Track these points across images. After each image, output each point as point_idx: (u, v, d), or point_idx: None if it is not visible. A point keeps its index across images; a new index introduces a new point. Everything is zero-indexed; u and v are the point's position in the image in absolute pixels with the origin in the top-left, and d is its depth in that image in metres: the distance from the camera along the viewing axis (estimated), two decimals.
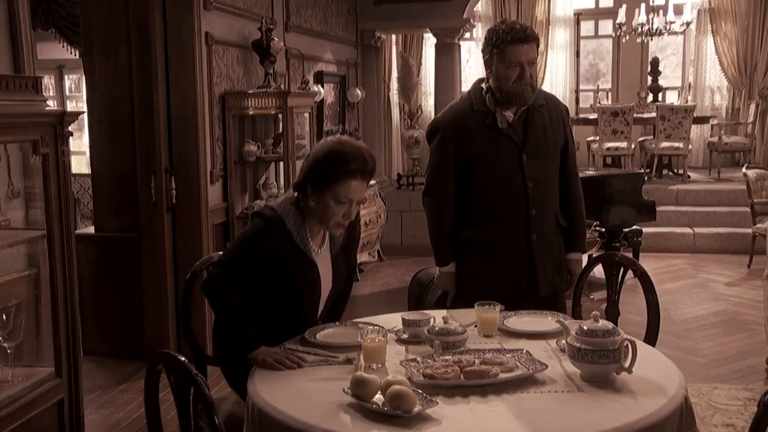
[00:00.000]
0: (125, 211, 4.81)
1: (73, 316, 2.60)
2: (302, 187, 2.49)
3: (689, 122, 8.97)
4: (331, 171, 2.41)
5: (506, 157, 2.87)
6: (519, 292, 2.92)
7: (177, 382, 1.77)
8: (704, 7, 10.50)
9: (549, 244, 2.95)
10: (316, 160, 2.45)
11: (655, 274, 7.03)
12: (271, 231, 2.45)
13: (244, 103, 5.12)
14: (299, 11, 6.63)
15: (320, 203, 2.44)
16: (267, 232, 2.46)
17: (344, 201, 2.43)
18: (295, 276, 2.51)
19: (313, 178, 2.44)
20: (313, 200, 2.45)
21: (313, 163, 2.46)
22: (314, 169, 2.44)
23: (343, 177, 2.40)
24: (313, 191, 2.44)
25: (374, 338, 2.29)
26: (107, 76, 4.72)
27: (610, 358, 2.08)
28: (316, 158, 2.45)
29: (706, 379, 4.41)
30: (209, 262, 2.83)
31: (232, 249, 2.56)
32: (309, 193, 2.45)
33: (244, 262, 2.45)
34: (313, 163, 2.45)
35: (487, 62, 2.89)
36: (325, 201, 2.43)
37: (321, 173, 2.42)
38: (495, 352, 2.28)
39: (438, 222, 2.98)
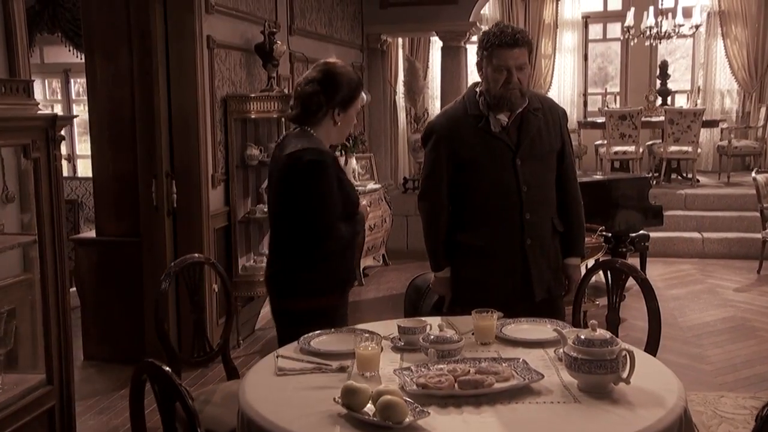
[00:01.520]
0: (126, 215, 4.79)
1: (65, 321, 2.57)
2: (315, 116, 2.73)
3: (698, 126, 8.88)
4: (356, 89, 2.78)
5: (500, 161, 2.83)
6: (514, 298, 2.88)
7: (161, 391, 1.73)
8: (714, 9, 10.41)
9: (544, 248, 2.90)
10: (352, 87, 2.76)
11: (662, 280, 6.99)
12: (332, 162, 2.73)
13: (246, 107, 5.09)
14: (303, 14, 6.60)
15: (346, 119, 2.79)
16: (332, 165, 2.70)
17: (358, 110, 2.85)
18: (352, 192, 2.83)
19: (343, 100, 2.75)
20: (342, 121, 2.77)
21: (343, 88, 2.73)
22: (350, 94, 2.76)
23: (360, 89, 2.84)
24: (340, 112, 2.75)
25: (368, 346, 2.25)
26: (108, 79, 4.71)
27: (607, 369, 2.02)
28: (351, 86, 2.75)
29: (712, 387, 4.34)
30: (183, 264, 2.89)
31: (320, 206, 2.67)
32: (335, 115, 2.74)
33: (336, 200, 2.69)
34: (350, 90, 2.75)
35: (479, 65, 2.86)
36: (350, 116, 2.80)
37: (351, 94, 2.76)
38: (491, 361, 2.23)
39: (432, 226, 2.95)
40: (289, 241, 2.76)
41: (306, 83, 2.73)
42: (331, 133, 2.79)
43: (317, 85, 2.71)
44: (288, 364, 2.34)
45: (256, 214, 5.33)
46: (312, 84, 2.71)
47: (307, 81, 2.73)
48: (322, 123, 2.74)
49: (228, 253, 5.16)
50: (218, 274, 3.18)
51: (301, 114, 2.74)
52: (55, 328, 2.52)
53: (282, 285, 2.78)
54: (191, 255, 3.13)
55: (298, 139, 2.71)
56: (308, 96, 2.71)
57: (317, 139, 2.72)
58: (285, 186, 2.71)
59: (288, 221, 2.74)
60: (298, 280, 2.74)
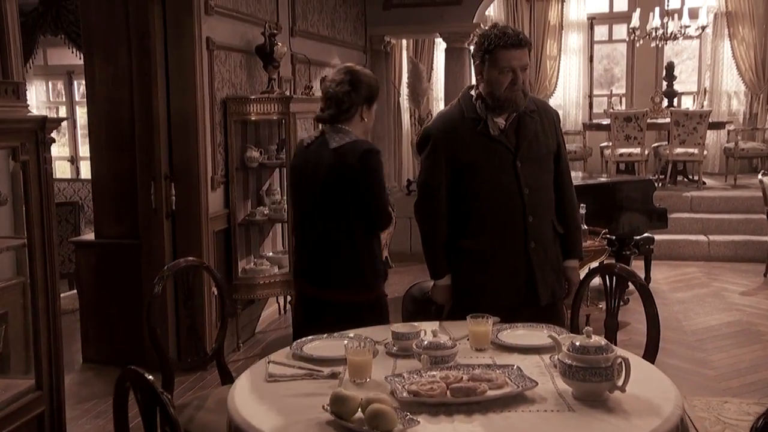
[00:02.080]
0: (125, 218, 4.77)
1: (56, 326, 2.54)
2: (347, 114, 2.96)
3: (704, 128, 8.81)
4: (377, 87, 3.07)
5: (500, 164, 2.79)
6: (518, 303, 2.83)
7: (143, 399, 1.70)
8: (721, 10, 10.33)
9: (547, 251, 2.86)
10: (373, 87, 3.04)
11: (667, 283, 6.92)
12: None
13: (246, 109, 5.06)
14: (305, 16, 6.57)
15: (370, 116, 3.05)
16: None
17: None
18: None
19: (368, 98, 3.00)
20: (367, 117, 3.02)
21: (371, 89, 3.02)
22: (372, 93, 3.02)
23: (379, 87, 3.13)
24: (366, 109, 3.01)
25: (360, 352, 2.21)
26: (107, 80, 4.69)
27: (602, 376, 1.98)
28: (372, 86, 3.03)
29: (716, 393, 4.28)
30: (177, 267, 2.87)
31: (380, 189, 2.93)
32: (363, 112, 3.00)
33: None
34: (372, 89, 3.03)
35: (479, 68, 2.81)
36: (373, 113, 3.07)
37: (374, 92, 3.04)
38: (484, 367, 2.19)
39: (431, 233, 2.89)
40: (349, 233, 2.92)
41: (336, 85, 2.97)
42: (359, 128, 3.01)
43: (347, 86, 2.95)
44: (279, 369, 2.30)
45: (256, 216, 5.30)
46: (342, 85, 2.96)
47: (337, 83, 2.97)
48: (353, 120, 2.97)
49: (228, 255, 5.13)
50: (213, 278, 3.14)
51: (335, 113, 2.96)
52: (45, 333, 2.49)
53: (347, 276, 2.93)
54: (186, 258, 3.11)
55: (338, 135, 2.94)
56: (341, 96, 2.95)
57: (354, 134, 2.97)
58: (341, 179, 2.89)
59: (347, 212, 2.91)
60: (364, 270, 2.94)
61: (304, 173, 3.04)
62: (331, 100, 2.96)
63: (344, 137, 2.92)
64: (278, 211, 5.33)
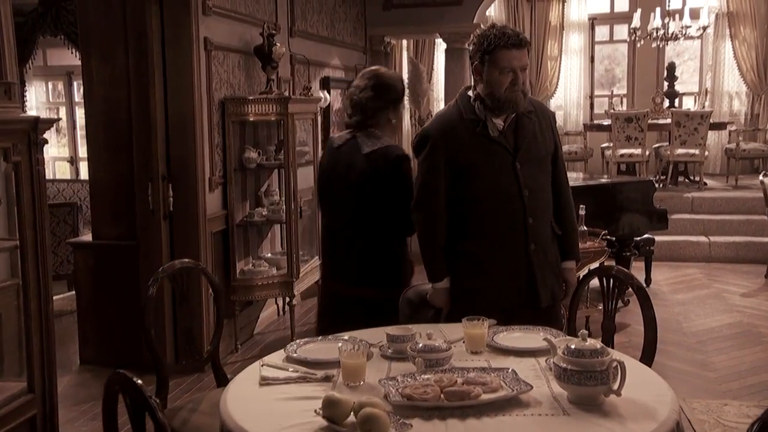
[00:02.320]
0: (123, 219, 4.75)
1: (48, 328, 2.52)
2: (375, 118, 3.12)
3: (705, 128, 8.78)
4: (403, 89, 3.26)
5: (500, 166, 2.77)
6: (519, 305, 2.81)
7: (131, 403, 1.68)
8: (722, 11, 10.30)
9: (546, 253, 2.84)
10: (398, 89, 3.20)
11: (668, 284, 6.90)
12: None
13: (244, 110, 5.04)
14: (305, 16, 6.56)
15: (399, 115, 3.24)
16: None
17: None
18: None
19: (395, 100, 3.18)
20: (394, 117, 3.16)
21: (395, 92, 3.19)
22: (397, 95, 3.19)
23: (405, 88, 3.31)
24: (393, 111, 3.17)
25: (353, 355, 2.19)
26: (105, 81, 4.67)
27: (597, 380, 1.96)
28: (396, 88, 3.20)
29: (716, 395, 4.26)
30: (172, 269, 2.88)
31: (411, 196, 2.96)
32: (390, 114, 3.14)
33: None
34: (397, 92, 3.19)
35: (477, 69, 2.78)
36: (401, 113, 3.30)
37: (400, 94, 3.22)
38: (479, 371, 2.17)
39: (430, 236, 2.86)
40: (379, 235, 3.11)
41: (360, 91, 3.13)
42: (388, 129, 3.16)
43: (371, 91, 3.10)
44: (272, 373, 2.28)
45: (254, 217, 5.28)
46: (366, 91, 3.11)
47: (361, 89, 3.13)
48: (381, 123, 3.11)
49: (226, 256, 5.12)
50: (208, 279, 3.13)
51: (362, 119, 3.12)
52: (38, 335, 2.47)
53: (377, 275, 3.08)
54: (181, 260, 3.09)
55: (370, 140, 3.08)
56: (365, 102, 3.10)
57: (385, 138, 3.11)
58: (373, 184, 3.05)
59: (377, 216, 3.08)
60: (399, 268, 3.14)
61: (333, 175, 3.20)
62: (356, 107, 3.13)
63: (376, 142, 3.06)
64: (276, 212, 5.32)
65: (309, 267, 5.65)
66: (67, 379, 4.69)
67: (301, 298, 6.47)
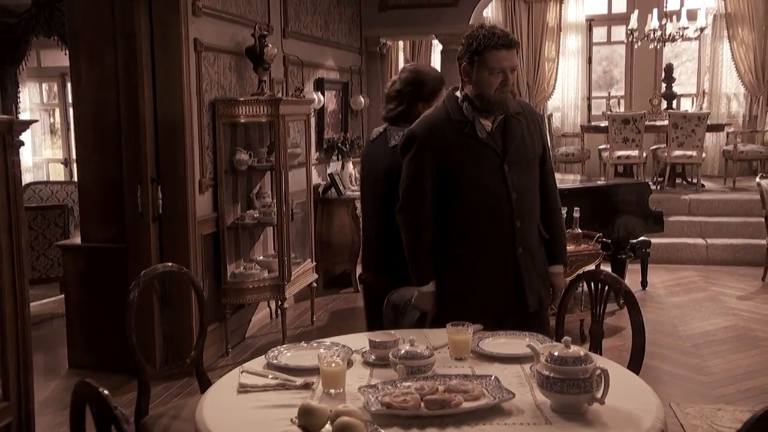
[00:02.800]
0: (112, 221, 4.71)
1: (24, 333, 2.47)
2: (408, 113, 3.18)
3: (703, 130, 8.74)
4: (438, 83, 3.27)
5: (488, 168, 2.72)
6: (506, 310, 2.77)
7: (96, 414, 1.63)
8: (720, 12, 10.26)
9: (534, 257, 2.79)
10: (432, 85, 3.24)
11: (664, 287, 6.85)
12: None
13: (235, 111, 4.99)
14: (298, 17, 6.51)
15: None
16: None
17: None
18: None
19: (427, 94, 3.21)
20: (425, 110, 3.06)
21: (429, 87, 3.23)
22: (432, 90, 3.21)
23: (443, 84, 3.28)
24: (425, 106, 3.12)
25: (333, 362, 2.14)
26: (93, 82, 4.63)
27: (580, 388, 1.91)
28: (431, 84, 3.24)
29: (710, 400, 4.21)
30: (154, 273, 2.86)
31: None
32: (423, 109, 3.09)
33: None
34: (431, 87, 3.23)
35: (466, 69, 2.74)
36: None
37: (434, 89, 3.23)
38: (462, 378, 2.12)
39: (416, 239, 2.80)
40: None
41: (396, 86, 3.23)
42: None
43: (404, 85, 3.20)
44: (251, 380, 2.24)
45: (245, 220, 5.24)
46: (397, 84, 3.22)
47: (397, 84, 3.24)
48: (413, 117, 3.05)
49: (217, 259, 5.07)
50: (192, 284, 3.08)
51: (396, 113, 3.21)
52: (13, 341, 2.42)
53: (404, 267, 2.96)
54: (164, 264, 3.05)
55: (398, 133, 3.09)
56: (399, 97, 3.21)
57: None
58: (396, 175, 2.95)
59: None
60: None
61: (366, 167, 3.40)
62: (391, 101, 3.24)
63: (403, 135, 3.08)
64: (268, 214, 5.27)
65: (301, 270, 5.61)
66: (56, 384, 4.65)
67: (295, 301, 6.43)
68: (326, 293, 6.87)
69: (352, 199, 6.68)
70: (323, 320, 6.10)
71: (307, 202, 5.85)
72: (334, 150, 7.19)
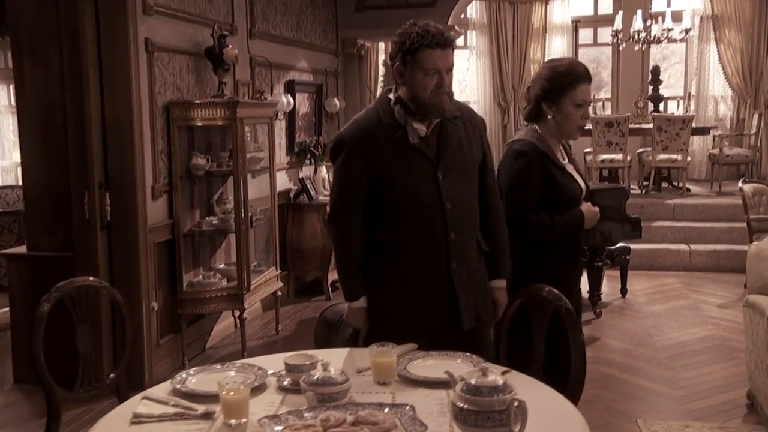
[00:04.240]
0: (59, 229, 4.52)
1: None
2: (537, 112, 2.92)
3: (687, 133, 8.56)
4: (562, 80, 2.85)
5: (420, 176, 2.52)
6: (440, 327, 2.58)
7: None
8: (707, 14, 10.08)
9: (471, 271, 2.59)
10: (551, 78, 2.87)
11: (644, 294, 6.67)
12: (534, 154, 2.85)
13: (191, 114, 4.81)
14: (266, 17, 6.33)
15: (559, 112, 2.86)
16: (533, 157, 2.84)
17: (581, 103, 2.85)
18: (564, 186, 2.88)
19: (548, 91, 2.86)
20: (551, 113, 2.87)
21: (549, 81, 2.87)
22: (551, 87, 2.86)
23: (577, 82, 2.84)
24: (550, 104, 2.87)
25: (233, 389, 1.95)
26: (38, 83, 4.44)
27: (496, 421, 1.72)
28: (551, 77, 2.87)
29: (679, 416, 4.02)
30: (70, 286, 2.70)
31: (516, 191, 2.84)
32: (546, 108, 2.88)
33: (532, 193, 2.83)
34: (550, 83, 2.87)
35: (399, 70, 2.55)
36: (564, 109, 2.86)
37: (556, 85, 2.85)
38: (375, 407, 1.93)
39: (345, 252, 2.62)
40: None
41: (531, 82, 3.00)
42: (549, 126, 2.91)
43: (533, 82, 2.96)
44: (148, 408, 2.04)
45: (203, 227, 5.04)
46: (533, 82, 2.97)
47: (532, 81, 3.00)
48: (541, 118, 2.91)
49: (173, 268, 4.88)
50: (113, 300, 2.90)
51: (525, 112, 3.00)
52: None
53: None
54: (82, 278, 2.88)
55: (520, 133, 3.00)
56: (528, 94, 2.98)
57: (538, 133, 2.90)
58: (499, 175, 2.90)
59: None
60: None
61: None
62: (526, 99, 3.03)
63: (520, 134, 2.97)
64: (227, 221, 5.08)
65: (264, 278, 5.41)
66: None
67: (263, 310, 6.24)
68: (297, 301, 6.69)
69: (324, 204, 6.49)
70: (290, 329, 5.91)
71: (271, 208, 5.65)
72: (306, 154, 7.01)
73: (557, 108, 2.85)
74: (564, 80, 2.83)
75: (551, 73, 2.88)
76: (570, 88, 2.82)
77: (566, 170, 2.94)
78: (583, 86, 2.85)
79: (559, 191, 2.87)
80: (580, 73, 2.85)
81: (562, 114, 2.85)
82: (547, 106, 2.87)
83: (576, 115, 2.86)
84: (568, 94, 2.83)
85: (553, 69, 2.89)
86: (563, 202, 2.88)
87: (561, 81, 2.83)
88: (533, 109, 2.94)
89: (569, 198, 2.89)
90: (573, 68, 2.87)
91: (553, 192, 2.85)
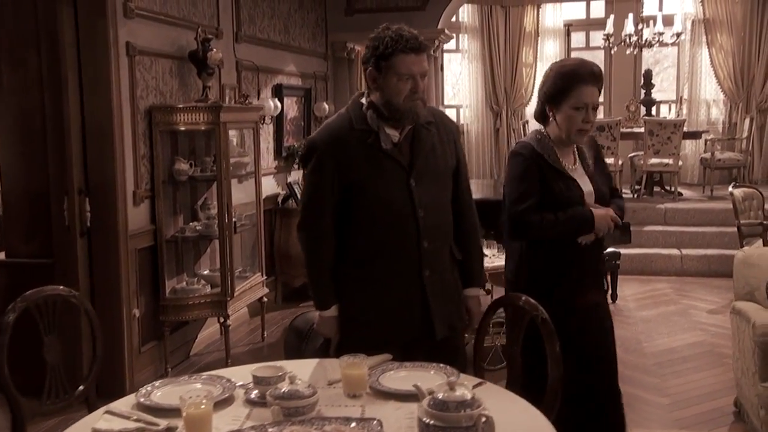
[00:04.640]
0: (38, 235, 4.44)
1: None
2: (543, 114, 2.83)
3: (679, 137, 8.52)
4: (562, 81, 2.74)
5: (392, 182, 2.47)
6: (412, 337, 2.52)
7: None
8: (698, 17, 10.05)
9: (444, 280, 2.54)
10: (551, 80, 2.78)
11: (634, 300, 6.62)
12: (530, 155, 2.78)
13: (173, 119, 4.75)
14: (253, 21, 6.27)
15: (560, 115, 2.76)
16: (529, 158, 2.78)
17: (581, 107, 2.71)
18: (557, 191, 2.77)
19: (549, 94, 2.77)
20: (553, 116, 2.78)
21: (548, 82, 2.79)
22: (549, 86, 2.78)
23: (577, 84, 2.71)
24: (552, 107, 2.78)
25: (195, 404, 1.89)
26: (17, 86, 4.37)
27: None
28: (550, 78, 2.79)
29: (665, 425, 3.97)
30: (37, 296, 2.64)
31: (513, 191, 2.77)
32: (548, 110, 2.80)
33: (529, 192, 2.74)
34: (549, 82, 2.79)
35: (372, 75, 2.50)
36: (564, 112, 2.75)
37: (556, 88, 2.76)
38: (341, 422, 1.88)
39: (315, 259, 2.56)
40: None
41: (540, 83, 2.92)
42: (553, 129, 2.82)
43: (542, 83, 2.85)
44: (108, 424, 1.99)
45: (186, 232, 4.98)
46: (541, 82, 2.87)
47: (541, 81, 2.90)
48: (548, 120, 2.83)
49: (155, 274, 4.82)
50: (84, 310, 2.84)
51: (536, 114, 2.91)
52: None
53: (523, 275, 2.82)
54: (52, 287, 2.80)
55: (527, 135, 2.94)
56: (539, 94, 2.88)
57: (541, 135, 2.83)
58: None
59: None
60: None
61: None
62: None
63: (526, 137, 2.93)
64: (211, 226, 5.01)
65: (249, 284, 5.35)
66: None
67: (249, 316, 6.17)
68: (285, 307, 6.62)
69: None
70: (276, 336, 5.84)
71: (257, 213, 5.59)
72: (295, 158, 6.95)
73: (557, 110, 2.76)
74: (563, 82, 2.73)
75: (553, 74, 2.79)
76: (569, 90, 2.71)
77: (566, 175, 2.79)
78: (584, 88, 2.71)
79: (551, 196, 2.74)
80: (581, 74, 2.72)
81: (561, 116, 2.75)
82: (549, 108, 2.79)
83: (576, 118, 2.71)
84: (568, 96, 2.72)
85: (555, 70, 2.80)
86: (558, 207, 2.74)
87: (560, 83, 2.74)
88: (540, 111, 2.86)
89: (564, 204, 2.74)
90: (575, 69, 2.75)
91: (546, 196, 2.75)
